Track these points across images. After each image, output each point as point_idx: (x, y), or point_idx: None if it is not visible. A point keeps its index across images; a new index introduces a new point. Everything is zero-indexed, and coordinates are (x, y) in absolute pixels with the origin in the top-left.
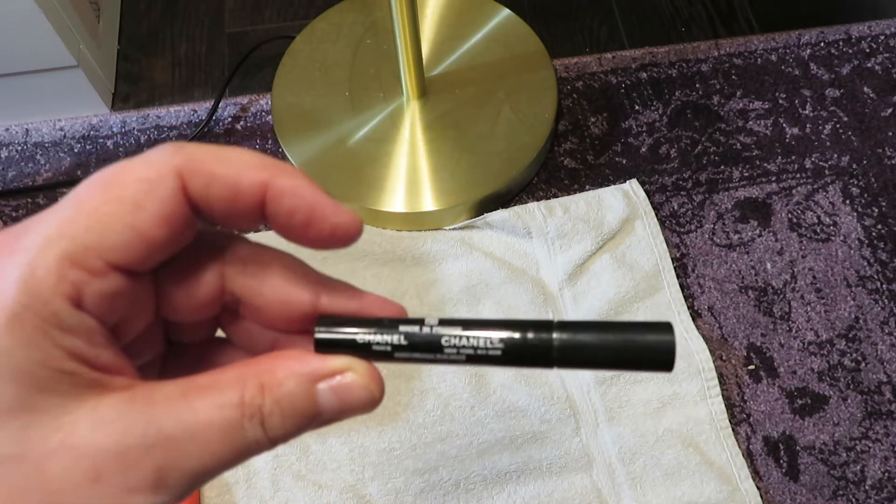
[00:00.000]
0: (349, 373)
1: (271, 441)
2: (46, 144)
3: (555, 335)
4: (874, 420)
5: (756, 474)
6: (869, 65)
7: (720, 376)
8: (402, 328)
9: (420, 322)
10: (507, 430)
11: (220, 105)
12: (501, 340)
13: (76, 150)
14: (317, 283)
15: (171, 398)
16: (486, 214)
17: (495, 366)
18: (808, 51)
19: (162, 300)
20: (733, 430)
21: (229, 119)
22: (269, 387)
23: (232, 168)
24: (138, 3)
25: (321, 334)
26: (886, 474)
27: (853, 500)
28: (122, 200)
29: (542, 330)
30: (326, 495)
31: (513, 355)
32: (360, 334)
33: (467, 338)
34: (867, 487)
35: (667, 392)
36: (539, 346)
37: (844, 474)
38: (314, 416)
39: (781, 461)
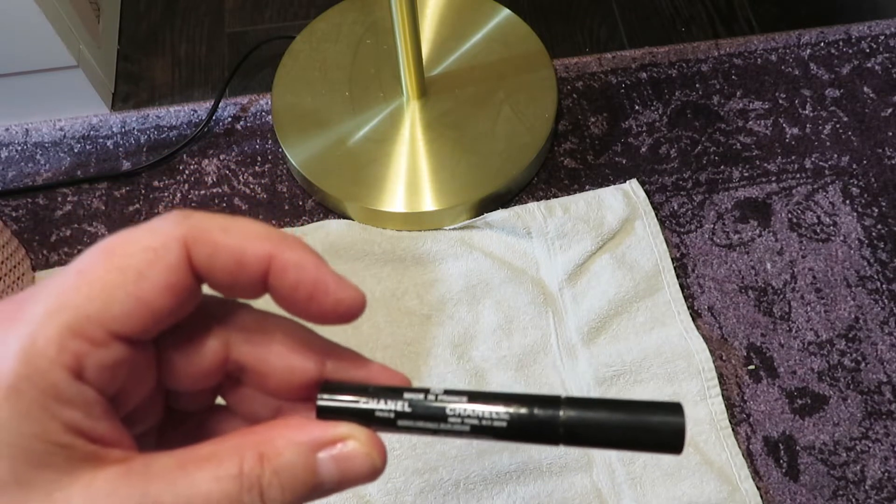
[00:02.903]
0: (350, 441)
1: None
2: (46, 144)
3: (562, 412)
4: (874, 420)
5: (756, 474)
6: (869, 65)
7: (720, 376)
8: (407, 396)
9: (425, 391)
10: None
11: (220, 105)
12: (508, 414)
13: (76, 150)
14: (322, 351)
15: (168, 470)
16: (486, 214)
17: (499, 440)
18: (808, 51)
19: (164, 369)
20: (733, 430)
21: (229, 119)
22: (268, 457)
23: (237, 239)
24: (138, 3)
25: (323, 402)
26: (886, 474)
27: (853, 500)
28: (125, 269)
29: (549, 406)
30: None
31: (518, 429)
32: (363, 401)
33: (472, 409)
34: (867, 487)
35: (667, 392)
36: (546, 422)
37: (844, 474)
38: (314, 487)
39: (781, 461)
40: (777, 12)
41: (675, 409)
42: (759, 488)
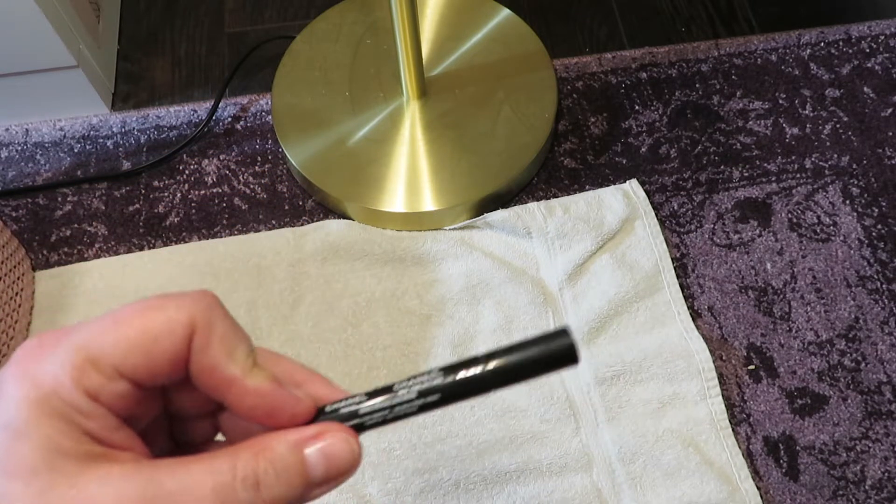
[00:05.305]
0: (329, 434)
1: (265, 503)
2: (46, 144)
3: (482, 368)
4: (874, 420)
5: (756, 474)
6: (869, 65)
7: (720, 376)
8: (362, 393)
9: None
10: (507, 430)
11: (220, 105)
12: (442, 381)
13: (76, 150)
14: (301, 382)
15: (172, 465)
16: (486, 214)
17: (442, 403)
18: (808, 51)
19: (167, 396)
20: (733, 430)
21: (229, 119)
22: (262, 452)
23: (217, 354)
24: (138, 3)
25: None
26: (886, 474)
27: (853, 500)
28: (147, 331)
29: (473, 365)
30: (326, 495)
31: (453, 391)
32: (328, 408)
33: (414, 380)
34: (867, 487)
35: (667, 392)
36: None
37: (844, 474)
38: (305, 478)
39: (781, 461)
40: (777, 12)
41: (563, 333)
42: (759, 488)
